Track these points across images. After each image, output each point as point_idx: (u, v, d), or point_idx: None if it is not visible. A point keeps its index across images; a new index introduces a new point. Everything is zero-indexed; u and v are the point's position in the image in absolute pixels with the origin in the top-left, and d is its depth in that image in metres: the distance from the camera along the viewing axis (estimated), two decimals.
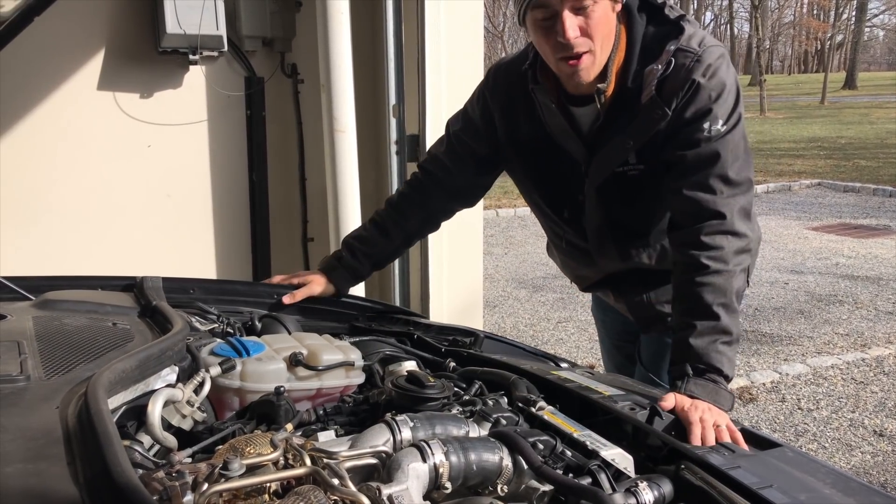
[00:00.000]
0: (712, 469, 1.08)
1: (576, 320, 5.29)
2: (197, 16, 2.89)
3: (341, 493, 0.89)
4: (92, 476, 0.81)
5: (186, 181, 3.25)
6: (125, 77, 3.06)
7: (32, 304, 1.53)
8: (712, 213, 1.55)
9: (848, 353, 4.65)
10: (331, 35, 2.77)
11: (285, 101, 3.38)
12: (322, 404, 1.31)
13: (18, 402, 1.02)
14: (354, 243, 1.90)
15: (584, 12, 1.49)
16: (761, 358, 4.59)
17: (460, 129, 1.87)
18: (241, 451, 1.00)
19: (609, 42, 1.57)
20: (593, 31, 1.51)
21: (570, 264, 2.00)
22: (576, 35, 1.51)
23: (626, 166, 1.67)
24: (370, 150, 3.30)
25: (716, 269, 1.51)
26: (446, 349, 1.61)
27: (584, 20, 1.50)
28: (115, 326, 1.41)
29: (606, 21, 1.53)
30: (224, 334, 1.55)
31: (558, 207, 1.85)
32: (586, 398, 1.29)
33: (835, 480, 1.07)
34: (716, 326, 1.48)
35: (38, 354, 1.19)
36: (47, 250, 2.99)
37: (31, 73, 2.89)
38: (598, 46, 1.54)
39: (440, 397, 1.23)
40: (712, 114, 1.55)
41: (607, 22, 1.53)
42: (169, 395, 1.14)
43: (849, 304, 5.63)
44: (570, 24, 1.49)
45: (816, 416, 3.79)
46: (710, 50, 1.56)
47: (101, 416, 0.90)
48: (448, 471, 0.99)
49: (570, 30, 1.50)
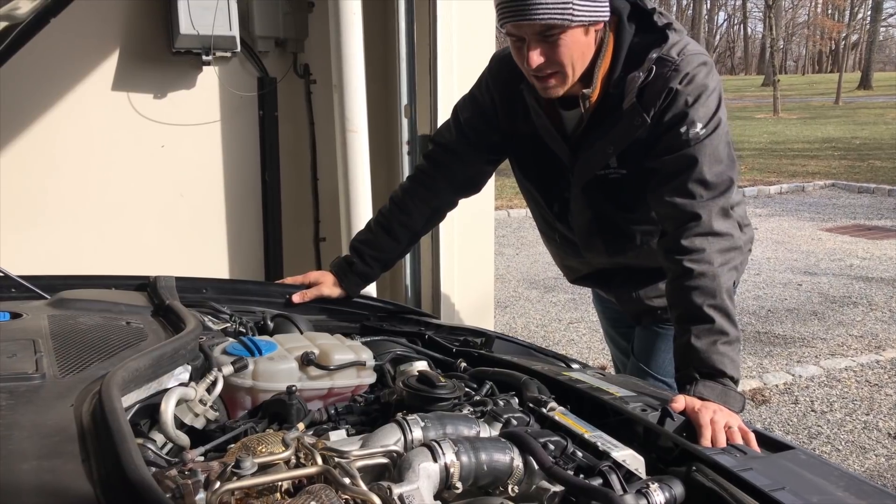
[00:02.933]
0: (724, 471, 1.08)
1: (587, 321, 5.27)
2: (210, 17, 2.91)
3: (352, 492, 0.89)
4: (106, 473, 0.82)
5: (199, 181, 3.27)
6: (139, 78, 3.08)
7: (47, 303, 1.55)
8: (690, 216, 1.56)
9: (862, 355, 4.61)
10: (343, 35, 2.77)
11: (298, 102, 3.39)
12: (333, 404, 1.31)
13: (34, 399, 1.03)
14: (363, 248, 1.91)
15: (551, 40, 1.51)
16: (774, 359, 4.57)
17: (472, 116, 1.87)
18: (253, 449, 1.01)
19: (582, 61, 1.58)
20: (561, 57, 1.54)
21: (561, 255, 2.05)
22: (540, 62, 1.53)
23: (608, 170, 1.71)
24: (382, 151, 3.31)
25: (700, 272, 1.51)
26: (457, 349, 1.61)
27: (549, 48, 1.52)
28: (128, 325, 1.43)
29: (576, 46, 1.54)
30: (236, 333, 1.56)
31: (549, 201, 1.89)
32: (597, 399, 1.29)
33: (848, 483, 1.07)
34: (711, 329, 1.48)
35: (53, 353, 1.20)
36: (62, 249, 3.02)
37: (46, 73, 2.91)
38: (568, 68, 1.56)
39: (451, 397, 1.23)
40: (689, 118, 1.56)
41: (577, 46, 1.55)
42: (182, 394, 1.14)
43: (863, 306, 5.58)
44: (535, 52, 1.53)
45: (830, 418, 3.76)
46: (689, 58, 1.58)
47: (114, 414, 0.91)
48: (459, 471, 0.99)
49: (535, 57, 1.53)
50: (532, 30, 1.50)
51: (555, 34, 1.50)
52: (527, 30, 1.50)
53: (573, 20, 1.49)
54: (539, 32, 1.50)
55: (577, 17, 1.49)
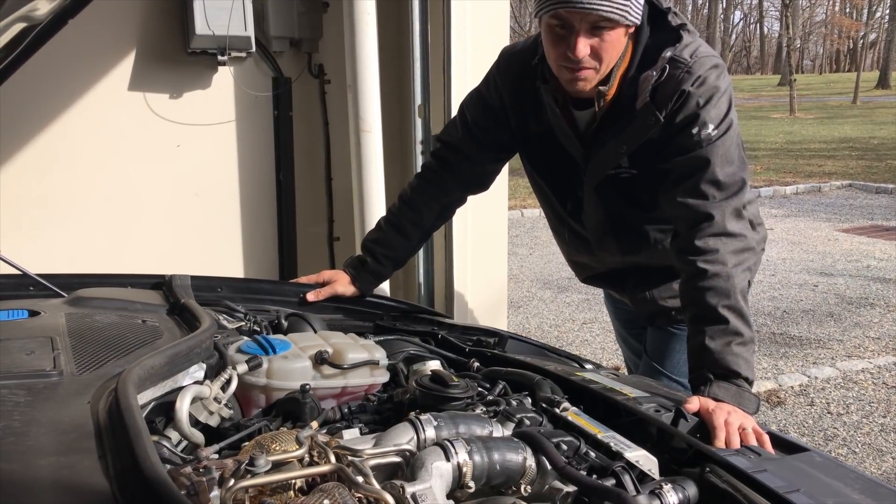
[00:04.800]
0: (737, 472, 1.07)
1: (601, 321, 5.26)
2: (225, 17, 2.92)
3: (365, 491, 0.90)
4: (122, 469, 0.83)
5: (214, 180, 3.29)
6: (155, 78, 3.10)
7: (65, 301, 1.56)
8: (703, 217, 1.55)
9: (879, 356, 4.57)
10: (357, 35, 2.78)
11: (312, 102, 3.40)
12: (347, 402, 1.32)
13: (52, 396, 1.04)
14: (375, 247, 1.91)
15: (600, 34, 1.51)
16: (789, 361, 4.53)
17: (479, 114, 1.86)
18: (266, 447, 1.02)
19: (614, 61, 1.58)
20: (604, 52, 1.54)
21: (571, 252, 2.04)
22: (586, 54, 1.53)
23: (620, 169, 1.71)
24: (396, 150, 3.31)
25: (714, 273, 1.51)
26: (470, 349, 1.61)
27: (597, 41, 1.52)
28: (144, 324, 1.44)
29: (619, 44, 1.55)
30: (251, 332, 1.56)
31: (562, 199, 1.88)
32: (611, 399, 1.29)
33: (864, 486, 1.06)
34: (726, 329, 1.47)
35: (70, 350, 1.22)
36: (78, 248, 3.05)
37: (63, 74, 2.94)
38: (605, 64, 1.56)
39: (464, 397, 1.23)
40: (700, 119, 1.56)
41: (618, 44, 1.55)
42: (196, 392, 1.15)
43: (880, 307, 5.53)
44: (584, 43, 1.52)
45: (846, 420, 3.73)
46: (702, 61, 1.58)
47: (130, 411, 0.92)
48: (471, 470, 1.00)
49: (582, 49, 1.52)
50: (588, 19, 1.49)
51: (606, 28, 1.50)
52: (582, 18, 1.49)
53: (627, 18, 1.50)
54: (594, 23, 1.49)
55: (631, 15, 1.50)
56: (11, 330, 1.32)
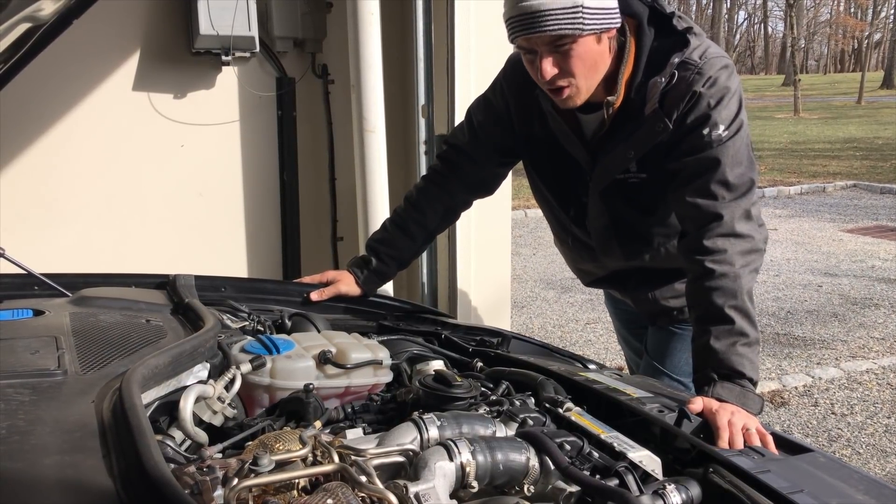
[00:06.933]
0: (741, 472, 1.07)
1: (604, 322, 5.25)
2: (229, 17, 2.93)
3: (369, 491, 0.90)
4: (126, 468, 0.83)
5: (218, 180, 3.30)
6: (159, 78, 3.11)
7: (69, 301, 1.57)
8: (713, 217, 1.55)
9: (884, 357, 4.56)
10: (361, 36, 2.78)
11: (316, 102, 3.40)
12: (350, 402, 1.32)
13: (56, 395, 1.04)
14: (379, 247, 1.92)
15: (563, 50, 1.50)
16: (793, 361, 4.52)
17: (486, 119, 1.87)
18: (270, 447, 1.02)
19: (596, 71, 1.57)
20: (573, 67, 1.53)
21: (575, 259, 2.04)
22: (554, 73, 1.52)
23: (627, 174, 1.70)
24: (399, 150, 3.32)
25: (722, 273, 1.51)
26: (474, 349, 1.61)
27: (562, 59, 1.51)
28: (148, 323, 1.44)
29: (588, 55, 1.53)
30: (254, 332, 1.57)
31: (565, 205, 1.88)
32: (614, 400, 1.29)
33: (868, 487, 1.06)
34: (731, 329, 1.47)
35: (74, 350, 1.22)
36: (82, 248, 3.05)
37: (68, 74, 2.95)
38: (581, 78, 1.55)
39: (467, 397, 1.23)
40: (711, 120, 1.55)
41: (590, 55, 1.53)
42: (200, 392, 1.15)
43: (885, 308, 5.51)
44: (548, 63, 1.52)
45: (850, 421, 3.72)
46: (712, 62, 1.57)
47: (134, 410, 0.92)
48: (475, 470, 1.00)
49: (548, 70, 1.52)
50: (543, 41, 1.49)
51: (566, 44, 1.49)
52: (538, 42, 1.49)
53: (584, 29, 1.47)
54: (550, 43, 1.49)
55: (587, 25, 1.47)
56: (16, 329, 1.33)
